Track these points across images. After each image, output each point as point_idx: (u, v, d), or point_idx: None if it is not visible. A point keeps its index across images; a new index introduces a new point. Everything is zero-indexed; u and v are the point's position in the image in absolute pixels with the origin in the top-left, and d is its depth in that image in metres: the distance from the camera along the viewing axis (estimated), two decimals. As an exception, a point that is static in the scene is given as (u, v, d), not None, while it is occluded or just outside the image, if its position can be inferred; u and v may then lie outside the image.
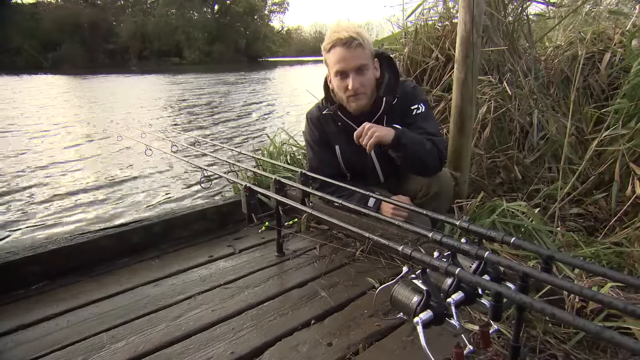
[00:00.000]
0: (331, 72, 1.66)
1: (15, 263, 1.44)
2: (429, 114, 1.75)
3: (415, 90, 1.75)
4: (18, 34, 34.82)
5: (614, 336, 0.54)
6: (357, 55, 1.57)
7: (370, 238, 0.98)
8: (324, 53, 1.64)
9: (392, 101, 1.68)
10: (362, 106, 1.66)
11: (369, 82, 1.63)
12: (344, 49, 1.56)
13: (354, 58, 1.57)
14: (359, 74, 1.59)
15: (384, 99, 1.67)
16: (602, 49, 2.83)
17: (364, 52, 1.59)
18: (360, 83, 1.60)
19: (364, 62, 1.59)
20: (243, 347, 1.10)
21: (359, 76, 1.59)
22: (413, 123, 1.69)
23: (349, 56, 1.56)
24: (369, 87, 1.64)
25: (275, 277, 1.48)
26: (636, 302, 1.04)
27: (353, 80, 1.59)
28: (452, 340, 1.02)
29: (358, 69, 1.59)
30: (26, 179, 4.69)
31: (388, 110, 1.69)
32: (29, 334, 1.21)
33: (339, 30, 1.57)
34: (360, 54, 1.58)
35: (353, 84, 1.60)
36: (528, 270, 0.75)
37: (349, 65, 1.58)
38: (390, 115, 1.70)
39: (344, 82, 1.62)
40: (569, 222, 1.93)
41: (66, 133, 7.37)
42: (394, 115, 1.70)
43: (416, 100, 1.72)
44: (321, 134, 1.81)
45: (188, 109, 10.67)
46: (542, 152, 2.42)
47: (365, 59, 1.60)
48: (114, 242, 1.66)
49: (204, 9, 48.96)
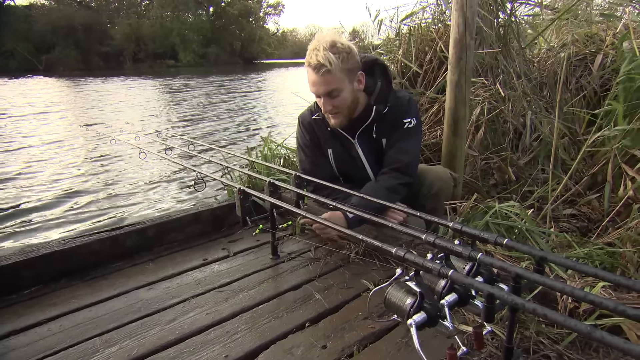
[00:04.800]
0: None
1: (8, 267, 1.43)
2: (417, 130, 1.74)
3: (410, 103, 1.72)
4: (11, 37, 34.57)
5: (604, 336, 0.55)
6: (325, 81, 1.54)
7: (365, 240, 0.98)
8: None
9: (382, 110, 1.67)
10: (340, 123, 1.67)
11: (342, 102, 1.60)
12: (313, 74, 1.54)
13: (323, 84, 1.55)
14: (330, 97, 1.58)
15: (374, 107, 1.66)
16: (594, 50, 2.86)
17: (334, 77, 1.53)
18: (332, 105, 1.60)
19: (333, 86, 1.55)
20: (237, 350, 1.10)
21: (330, 99, 1.58)
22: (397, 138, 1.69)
23: (318, 82, 1.55)
24: (343, 107, 1.62)
25: (269, 280, 1.48)
26: (627, 302, 1.05)
27: (325, 104, 1.60)
28: (446, 341, 1.03)
29: (328, 93, 1.57)
30: (17, 183, 4.66)
31: (377, 119, 1.68)
32: (21, 339, 1.19)
33: (311, 51, 1.53)
34: (329, 80, 1.54)
35: (325, 107, 1.61)
36: (521, 271, 0.76)
37: (319, 91, 1.58)
38: (380, 123, 1.69)
39: (320, 101, 1.63)
40: (562, 223, 1.95)
41: (59, 136, 7.32)
42: (384, 124, 1.69)
43: (409, 113, 1.70)
44: (312, 138, 1.80)
45: (182, 111, 10.64)
46: (536, 154, 2.44)
47: (335, 84, 1.55)
48: (108, 245, 1.65)
49: (198, 11, 48.85)
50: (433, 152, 2.46)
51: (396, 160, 1.69)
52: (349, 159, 1.77)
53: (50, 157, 5.83)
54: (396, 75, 2.75)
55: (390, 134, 1.71)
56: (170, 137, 2.72)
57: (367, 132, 1.71)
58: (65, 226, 3.44)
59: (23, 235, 3.26)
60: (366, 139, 1.73)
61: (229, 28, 50.36)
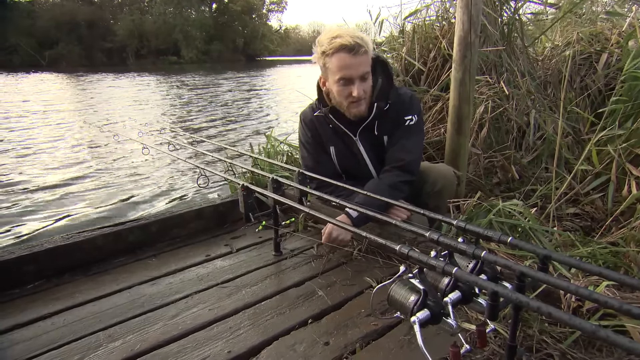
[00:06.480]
0: (331, 78, 1.60)
1: (11, 262, 1.44)
2: (419, 127, 1.74)
3: (412, 100, 1.72)
4: (15, 32, 34.65)
5: (609, 335, 0.54)
6: (362, 62, 1.54)
7: (368, 237, 0.98)
8: (323, 57, 1.58)
9: (384, 107, 1.66)
10: (361, 112, 1.64)
11: (369, 87, 1.61)
12: (349, 56, 1.51)
13: (360, 65, 1.53)
14: (362, 81, 1.57)
15: (376, 104, 1.65)
16: (600, 49, 2.84)
17: (368, 59, 1.56)
18: (363, 90, 1.58)
19: (368, 69, 1.57)
20: (240, 346, 1.10)
21: (362, 83, 1.57)
22: (400, 135, 1.69)
23: (355, 63, 1.52)
24: (369, 93, 1.63)
25: (272, 277, 1.48)
26: (632, 301, 1.05)
27: (358, 87, 1.56)
28: (449, 339, 1.03)
29: (362, 76, 1.56)
30: (21, 178, 4.67)
31: (379, 115, 1.67)
32: (25, 333, 1.20)
33: (343, 35, 1.52)
34: (366, 61, 1.55)
35: (358, 92, 1.56)
36: (525, 269, 0.75)
37: (356, 73, 1.54)
38: (382, 120, 1.69)
39: (347, 89, 1.58)
40: (565, 222, 1.94)
41: (62, 131, 7.34)
42: (385, 121, 1.69)
43: (411, 111, 1.70)
44: (314, 135, 1.79)
45: (185, 107, 10.65)
46: (539, 152, 2.43)
47: (368, 66, 1.57)
48: (111, 241, 1.66)
49: (201, 7, 48.83)
50: (436, 150, 2.45)
51: (398, 158, 1.68)
52: (350, 156, 1.77)
53: (52, 153, 5.84)
54: (400, 73, 2.74)
55: (392, 131, 1.70)
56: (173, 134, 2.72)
57: (369, 130, 1.70)
58: (69, 221, 3.45)
59: (26, 230, 3.27)
60: (367, 137, 1.72)
61: (232, 25, 50.32)
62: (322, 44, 1.56)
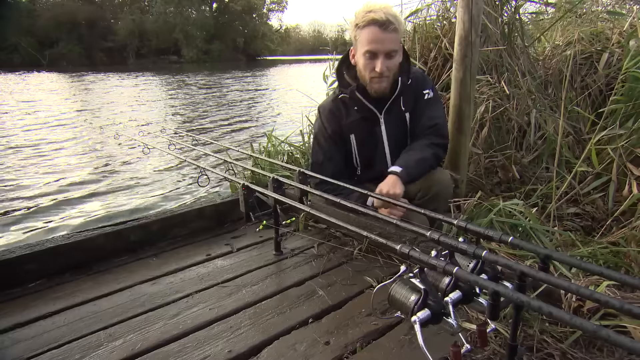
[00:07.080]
0: (359, 50, 1.62)
1: (13, 261, 1.44)
2: (437, 99, 1.83)
3: (424, 76, 1.84)
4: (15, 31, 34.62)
5: (610, 335, 0.54)
6: (390, 39, 1.56)
7: (368, 237, 0.98)
8: (355, 29, 1.61)
9: (406, 82, 1.71)
10: (382, 89, 1.66)
11: (395, 67, 1.64)
12: (379, 30, 1.53)
13: (388, 41, 1.56)
14: (388, 57, 1.59)
15: (400, 79, 1.68)
16: (600, 49, 2.84)
17: (397, 37, 1.59)
18: (387, 67, 1.59)
19: (396, 46, 1.59)
20: (241, 345, 1.11)
21: (387, 60, 1.59)
22: (422, 109, 1.76)
23: (382, 38, 1.55)
24: (393, 72, 1.65)
25: (273, 276, 1.49)
26: (632, 301, 1.05)
27: (381, 63, 1.58)
28: (450, 339, 1.03)
29: (388, 53, 1.58)
30: (22, 178, 4.68)
31: (403, 91, 1.71)
32: (26, 332, 1.20)
33: (377, 10, 1.54)
34: (394, 39, 1.57)
35: (381, 67, 1.58)
36: (525, 269, 0.76)
37: (382, 48, 1.56)
38: (405, 95, 1.73)
39: (371, 63, 1.60)
40: (566, 222, 1.94)
41: (63, 131, 7.34)
42: (408, 96, 1.74)
43: (426, 85, 1.78)
44: (334, 129, 1.78)
45: (186, 107, 10.65)
46: (540, 152, 2.42)
47: (396, 44, 1.60)
48: (112, 240, 1.66)
49: (202, 7, 48.77)
50: (437, 150, 2.45)
51: (429, 125, 1.75)
52: (371, 142, 1.78)
53: (54, 152, 5.85)
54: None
55: (413, 107, 1.76)
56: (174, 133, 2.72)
57: (395, 107, 1.74)
58: (70, 220, 3.45)
59: (28, 229, 3.27)
60: (392, 116, 1.75)
61: (232, 24, 50.28)
62: (357, 16, 1.60)
